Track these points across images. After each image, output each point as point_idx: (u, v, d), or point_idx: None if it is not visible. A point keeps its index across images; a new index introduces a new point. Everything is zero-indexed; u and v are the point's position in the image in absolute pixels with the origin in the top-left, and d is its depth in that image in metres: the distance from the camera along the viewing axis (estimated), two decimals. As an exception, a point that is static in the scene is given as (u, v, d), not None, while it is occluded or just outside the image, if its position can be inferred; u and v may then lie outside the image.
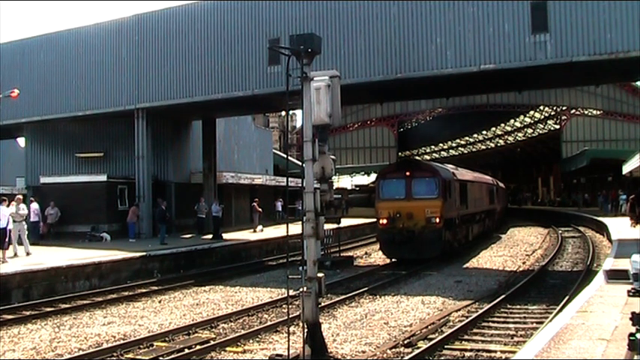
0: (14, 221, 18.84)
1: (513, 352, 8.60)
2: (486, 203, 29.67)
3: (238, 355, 9.57)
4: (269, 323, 11.48)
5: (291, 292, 8.98)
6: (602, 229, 27.56)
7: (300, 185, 8.87)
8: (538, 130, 67.75)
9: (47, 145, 31.00)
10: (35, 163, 31.25)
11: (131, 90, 26.48)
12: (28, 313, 13.25)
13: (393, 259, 20.59)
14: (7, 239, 17.55)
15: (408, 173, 20.09)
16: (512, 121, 69.41)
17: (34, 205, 24.24)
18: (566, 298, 12.16)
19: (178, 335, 10.84)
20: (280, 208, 37.12)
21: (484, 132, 77.81)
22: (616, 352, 6.49)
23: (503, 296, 13.05)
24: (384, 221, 19.79)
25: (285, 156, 38.83)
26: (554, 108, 57.37)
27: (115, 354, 9.64)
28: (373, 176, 46.86)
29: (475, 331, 10.58)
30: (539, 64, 19.38)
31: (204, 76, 24.55)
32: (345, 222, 25.76)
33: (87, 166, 29.45)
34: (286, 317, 9.53)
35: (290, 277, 8.81)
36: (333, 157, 9.39)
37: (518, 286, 14.48)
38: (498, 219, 36.11)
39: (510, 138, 77.32)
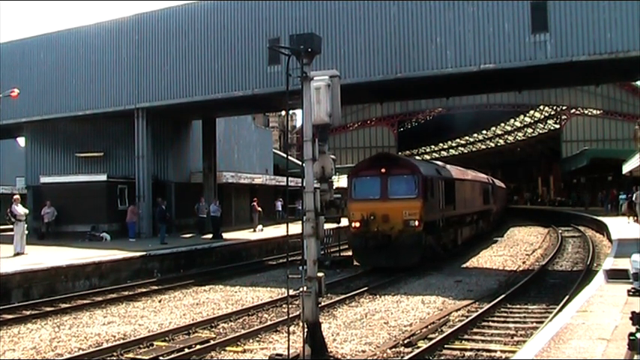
0: (18, 220, 18.92)
1: (513, 352, 8.60)
2: (480, 204, 27.74)
3: (238, 355, 9.57)
4: (269, 323, 11.47)
5: (291, 292, 8.97)
6: (602, 229, 27.56)
7: (300, 185, 8.87)
8: (538, 130, 67.77)
9: (47, 145, 31.01)
10: (35, 162, 31.28)
11: (131, 90, 26.50)
12: (28, 312, 13.25)
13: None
14: None
15: (383, 170, 18.03)
16: (512, 121, 69.43)
17: None
18: (566, 297, 12.16)
19: (178, 335, 10.84)
20: (280, 208, 37.14)
21: (484, 132, 77.82)
22: (616, 351, 6.49)
23: (503, 296, 13.05)
24: (357, 224, 17.87)
25: (285, 156, 38.85)
26: (554, 108, 57.41)
27: (115, 354, 9.63)
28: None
29: (475, 330, 10.58)
30: (539, 64, 19.40)
31: (204, 76, 24.57)
32: (345, 221, 25.70)
33: (87, 166, 29.46)
34: (286, 317, 9.53)
35: (290, 276, 8.81)
36: (333, 156, 9.39)
37: (518, 286, 14.48)
38: (495, 220, 34.40)
39: (510, 138, 77.34)
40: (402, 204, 17.54)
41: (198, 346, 9.91)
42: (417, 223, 17.38)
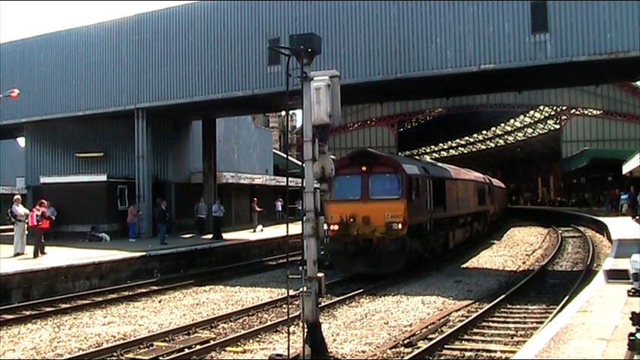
0: (18, 221, 18.95)
1: (513, 352, 8.61)
2: (474, 204, 26.22)
3: (238, 355, 9.57)
4: (269, 323, 11.48)
5: (291, 292, 8.98)
6: (602, 229, 27.55)
7: (300, 185, 8.88)
8: (538, 130, 67.73)
9: (47, 145, 31.02)
10: (35, 163, 31.29)
11: (131, 90, 26.50)
12: (28, 313, 13.25)
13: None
14: None
15: (364, 168, 16.61)
16: (512, 121, 69.41)
17: None
18: (566, 297, 12.16)
19: (178, 335, 10.85)
20: (280, 208, 37.14)
21: (484, 132, 77.82)
22: (616, 352, 6.49)
23: (503, 296, 13.05)
24: (335, 227, 16.26)
25: (285, 156, 38.89)
26: (554, 108, 57.34)
27: (115, 354, 9.64)
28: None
29: (475, 330, 10.58)
30: (539, 64, 19.40)
31: (204, 76, 24.57)
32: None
33: (87, 166, 29.48)
34: (286, 317, 9.53)
35: (290, 276, 8.81)
36: (333, 157, 9.39)
37: (518, 286, 14.48)
38: (493, 222, 32.94)
39: (510, 138, 77.29)
40: (384, 205, 16.18)
41: (198, 347, 9.92)
42: (400, 226, 15.97)
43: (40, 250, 19.01)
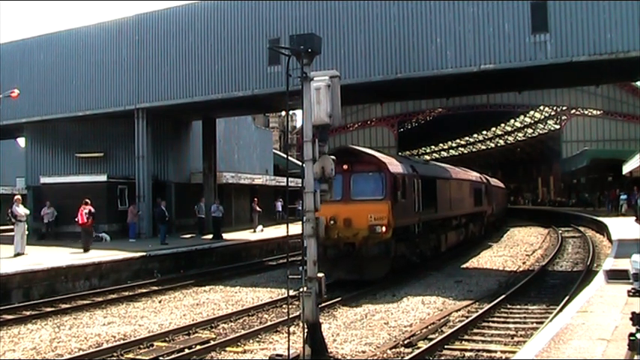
0: (19, 221, 18.96)
1: (513, 352, 8.61)
2: (470, 205, 25.10)
3: (238, 355, 9.58)
4: (269, 323, 11.48)
5: (291, 292, 8.98)
6: (602, 229, 27.55)
7: (300, 185, 8.88)
8: (538, 130, 67.78)
9: (47, 145, 31.03)
10: (35, 163, 31.31)
11: (131, 90, 26.51)
12: (28, 313, 13.25)
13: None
14: None
15: (345, 167, 15.29)
16: (512, 121, 69.45)
17: None
18: (567, 298, 12.16)
19: (178, 335, 10.84)
20: (280, 208, 37.16)
21: (484, 132, 77.86)
22: (616, 352, 6.49)
23: (503, 296, 13.04)
24: None
25: (285, 156, 38.88)
26: (554, 108, 57.37)
27: (115, 354, 9.63)
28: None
29: (475, 331, 10.58)
30: (539, 64, 19.40)
31: (204, 76, 24.58)
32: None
33: (87, 166, 29.48)
34: (286, 317, 9.54)
35: (290, 277, 8.81)
36: (333, 157, 9.40)
37: (519, 286, 14.47)
38: (491, 223, 32.01)
39: (510, 138, 77.37)
40: (367, 206, 15.09)
41: (198, 347, 9.92)
42: (384, 228, 14.90)
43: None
